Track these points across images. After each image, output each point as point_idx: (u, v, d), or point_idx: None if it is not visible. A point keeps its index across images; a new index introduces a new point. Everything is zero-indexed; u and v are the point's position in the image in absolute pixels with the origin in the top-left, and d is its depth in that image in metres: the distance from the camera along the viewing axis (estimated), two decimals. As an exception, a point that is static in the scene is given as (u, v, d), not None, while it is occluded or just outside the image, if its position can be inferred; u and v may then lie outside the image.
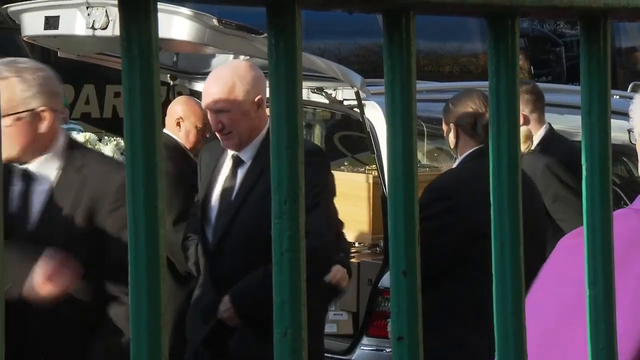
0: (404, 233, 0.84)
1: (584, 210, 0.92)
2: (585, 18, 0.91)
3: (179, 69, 5.53)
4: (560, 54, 17.12)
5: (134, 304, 0.73)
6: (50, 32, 4.86)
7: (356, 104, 4.81)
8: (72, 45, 5.18)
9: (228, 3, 0.78)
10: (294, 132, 0.80)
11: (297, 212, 0.80)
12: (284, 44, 0.79)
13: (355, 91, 4.76)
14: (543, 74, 16.18)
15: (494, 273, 0.88)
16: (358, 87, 4.72)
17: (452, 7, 0.85)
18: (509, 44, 0.87)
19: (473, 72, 14.22)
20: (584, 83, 0.92)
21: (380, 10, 0.83)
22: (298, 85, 0.80)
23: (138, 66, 0.73)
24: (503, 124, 0.88)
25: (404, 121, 0.85)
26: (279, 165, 0.80)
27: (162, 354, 0.72)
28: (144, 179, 0.74)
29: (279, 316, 0.79)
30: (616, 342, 0.92)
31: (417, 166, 0.86)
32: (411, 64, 0.84)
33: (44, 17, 4.82)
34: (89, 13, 4.63)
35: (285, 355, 0.79)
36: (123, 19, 0.73)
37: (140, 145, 0.74)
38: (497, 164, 0.88)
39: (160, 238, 0.74)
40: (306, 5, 0.79)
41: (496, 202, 0.88)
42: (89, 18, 4.64)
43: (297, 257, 0.80)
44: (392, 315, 0.84)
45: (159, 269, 0.74)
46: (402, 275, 0.84)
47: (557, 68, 16.86)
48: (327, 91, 5.02)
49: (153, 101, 0.74)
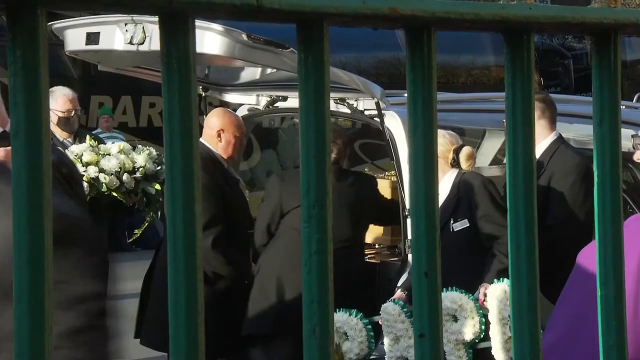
0: (425, 236, 0.84)
1: (595, 215, 0.92)
2: (597, 33, 0.90)
3: (210, 81, 5.54)
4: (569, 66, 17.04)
5: (173, 304, 0.73)
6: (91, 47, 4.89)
7: (376, 113, 4.81)
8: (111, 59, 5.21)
9: (260, 20, 0.78)
10: (322, 141, 0.80)
11: (324, 217, 0.80)
12: (312, 58, 0.79)
13: (376, 101, 4.76)
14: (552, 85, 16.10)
15: (510, 274, 0.88)
16: (378, 98, 4.72)
17: (470, 23, 0.84)
18: (525, 58, 0.87)
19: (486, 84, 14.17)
20: (596, 95, 0.91)
21: (403, 26, 0.83)
22: (326, 97, 0.80)
23: (177, 80, 0.74)
24: (519, 134, 0.87)
25: (425, 131, 0.85)
26: (308, 172, 0.80)
27: (200, 351, 0.72)
28: (182, 185, 0.74)
29: (308, 314, 0.79)
30: (626, 339, 0.91)
31: (437, 173, 0.85)
32: (432, 77, 0.84)
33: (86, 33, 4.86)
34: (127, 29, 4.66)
35: (314, 351, 0.78)
36: (163, 36, 0.73)
37: (178, 154, 0.74)
38: (513, 172, 0.87)
39: (197, 241, 0.74)
40: (334, 22, 0.79)
41: (512, 208, 0.87)
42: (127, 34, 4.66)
43: (325, 259, 0.80)
44: (414, 314, 0.84)
45: (196, 271, 0.74)
46: (423, 276, 0.84)
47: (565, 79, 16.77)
48: (349, 101, 5.02)
49: (191, 113, 0.74)
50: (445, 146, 4.56)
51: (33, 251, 0.66)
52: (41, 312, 0.65)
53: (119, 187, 4.66)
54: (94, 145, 4.79)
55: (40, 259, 0.65)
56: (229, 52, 4.44)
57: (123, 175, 4.68)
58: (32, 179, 0.66)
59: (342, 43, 11.99)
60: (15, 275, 0.66)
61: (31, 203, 0.66)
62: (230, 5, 0.73)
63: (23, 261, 0.65)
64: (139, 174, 4.73)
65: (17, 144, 0.66)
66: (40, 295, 0.66)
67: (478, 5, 0.85)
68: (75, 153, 4.69)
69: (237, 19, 0.77)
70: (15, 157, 0.66)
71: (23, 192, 0.66)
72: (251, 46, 4.45)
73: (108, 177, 4.63)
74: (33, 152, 0.66)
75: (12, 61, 0.65)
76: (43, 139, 0.66)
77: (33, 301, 0.65)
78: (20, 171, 0.66)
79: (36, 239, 0.65)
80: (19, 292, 0.66)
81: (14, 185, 0.66)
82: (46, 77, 0.66)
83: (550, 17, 0.86)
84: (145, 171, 4.73)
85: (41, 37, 0.66)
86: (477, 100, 5.90)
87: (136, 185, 4.72)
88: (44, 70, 0.65)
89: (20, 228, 0.66)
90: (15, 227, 0.66)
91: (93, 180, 4.63)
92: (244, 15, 0.75)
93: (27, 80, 0.65)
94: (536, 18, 0.85)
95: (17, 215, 0.66)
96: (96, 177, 4.63)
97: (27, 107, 0.65)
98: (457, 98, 5.96)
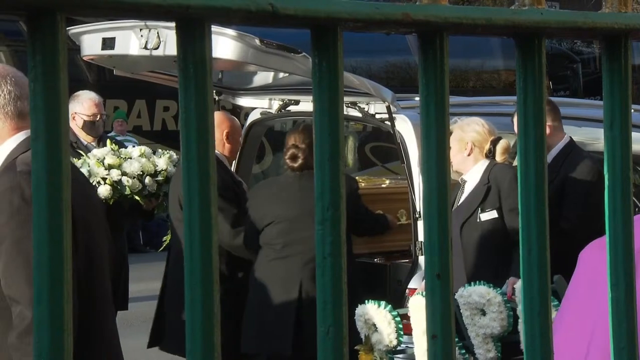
0: (438, 238, 0.84)
1: (606, 218, 0.91)
2: (608, 38, 0.90)
3: (223, 85, 5.56)
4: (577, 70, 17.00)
5: (189, 305, 0.74)
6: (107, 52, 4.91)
7: (387, 117, 4.80)
8: (126, 64, 5.22)
9: (275, 26, 0.78)
10: (335, 144, 0.80)
11: (338, 219, 0.80)
12: (326, 63, 0.79)
13: (387, 105, 4.75)
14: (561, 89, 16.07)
15: (522, 276, 0.87)
16: (389, 102, 4.72)
17: (482, 28, 0.84)
18: (536, 62, 0.87)
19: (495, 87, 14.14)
20: (606, 98, 0.91)
21: (416, 31, 0.83)
22: (340, 101, 0.80)
23: (193, 85, 0.74)
24: (530, 137, 0.87)
25: (438, 134, 0.84)
26: (322, 175, 0.80)
27: (215, 351, 0.73)
28: (199, 188, 0.74)
29: (322, 315, 0.79)
30: (637, 341, 0.90)
31: (450, 175, 0.85)
32: (444, 81, 0.84)
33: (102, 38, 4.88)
34: (142, 34, 4.67)
35: (328, 352, 0.78)
36: (180, 41, 0.74)
37: (195, 157, 0.74)
38: (524, 174, 0.87)
39: (214, 243, 0.74)
40: (348, 27, 0.79)
41: (524, 210, 0.87)
42: (142, 39, 4.68)
43: (339, 261, 0.80)
44: (427, 316, 0.84)
45: (212, 272, 0.74)
46: (436, 278, 0.83)
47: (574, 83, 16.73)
48: (360, 105, 5.02)
49: (207, 116, 0.74)
50: (483, 136, 4.51)
51: (53, 252, 0.66)
52: (60, 314, 0.66)
53: (141, 190, 4.68)
54: (115, 149, 4.80)
55: (60, 260, 0.65)
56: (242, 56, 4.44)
57: (145, 179, 4.69)
58: (51, 181, 0.67)
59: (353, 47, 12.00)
60: (35, 276, 0.66)
61: (51, 204, 0.67)
62: (245, 11, 0.73)
63: (43, 262, 0.66)
64: (160, 177, 4.74)
65: (37, 147, 0.66)
66: (60, 297, 0.66)
67: (490, 10, 0.85)
68: (97, 157, 4.71)
69: (252, 25, 0.77)
70: (35, 160, 0.66)
71: (43, 194, 0.66)
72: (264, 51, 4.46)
73: (131, 180, 4.64)
74: (52, 155, 0.66)
75: (32, 66, 0.66)
76: (62, 142, 0.66)
77: (53, 302, 0.66)
78: (40, 173, 0.67)
79: (56, 239, 0.66)
80: (39, 293, 0.66)
81: (33, 188, 0.67)
82: (65, 81, 0.66)
83: (562, 22, 0.86)
84: (166, 174, 4.75)
85: (61, 43, 0.66)
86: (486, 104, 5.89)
87: (158, 188, 4.74)
88: (63, 75, 0.66)
89: (41, 229, 0.66)
90: (35, 228, 0.66)
91: (116, 184, 4.64)
92: (259, 21, 0.75)
93: (47, 84, 0.65)
94: (548, 23, 0.85)
95: (37, 216, 0.67)
96: (119, 180, 4.64)
97: (46, 111, 0.66)
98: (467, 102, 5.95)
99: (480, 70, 14.85)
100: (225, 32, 4.36)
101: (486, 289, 4.08)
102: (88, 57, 5.13)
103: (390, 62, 14.19)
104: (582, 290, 1.69)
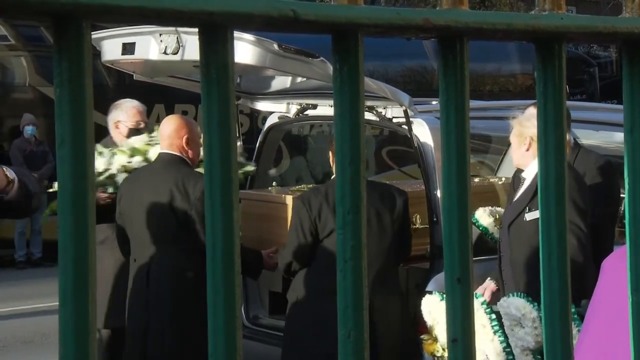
0: (458, 242, 0.84)
1: (627, 221, 0.91)
2: (628, 43, 0.89)
3: (242, 89, 5.57)
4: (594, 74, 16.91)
5: (212, 307, 0.74)
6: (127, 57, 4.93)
7: (404, 121, 4.80)
8: (146, 69, 5.25)
9: (297, 31, 0.78)
10: (356, 149, 0.80)
11: (359, 223, 0.80)
12: (347, 69, 0.79)
13: (404, 109, 4.75)
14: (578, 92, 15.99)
15: (542, 281, 0.87)
16: (406, 106, 4.71)
17: (502, 33, 0.84)
18: (556, 67, 0.86)
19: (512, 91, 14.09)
20: (627, 102, 0.91)
21: (436, 36, 0.83)
22: (360, 106, 0.80)
23: (216, 90, 0.74)
24: (550, 141, 0.87)
25: (458, 138, 0.84)
26: (343, 180, 0.80)
27: (238, 353, 0.73)
28: (221, 190, 0.75)
29: (343, 319, 0.79)
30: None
31: (470, 179, 0.85)
32: (465, 86, 0.84)
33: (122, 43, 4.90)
34: (162, 39, 4.69)
35: (349, 355, 0.78)
36: (203, 47, 0.74)
37: (217, 161, 0.74)
38: (545, 179, 0.86)
39: (236, 246, 0.74)
40: (368, 33, 0.79)
41: (544, 214, 0.86)
42: (161, 44, 4.70)
43: (360, 265, 0.80)
44: (447, 319, 0.83)
45: (234, 275, 0.74)
46: (456, 282, 0.83)
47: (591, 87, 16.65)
48: (377, 109, 5.02)
49: (229, 121, 0.75)
50: None
51: (78, 257, 0.66)
52: (85, 316, 0.66)
53: None
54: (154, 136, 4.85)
55: (85, 264, 0.66)
56: (260, 61, 4.45)
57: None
58: (76, 187, 0.67)
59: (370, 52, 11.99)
60: (60, 280, 0.67)
61: (76, 210, 0.67)
62: (268, 17, 0.73)
63: (68, 266, 0.66)
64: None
65: (62, 153, 0.66)
66: (85, 299, 0.66)
67: (510, 15, 0.84)
68: (130, 145, 4.80)
69: (274, 30, 0.77)
70: (61, 166, 0.66)
71: (68, 199, 0.66)
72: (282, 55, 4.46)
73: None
74: (78, 161, 0.66)
75: (58, 72, 0.66)
76: (87, 149, 0.66)
77: (78, 305, 0.66)
78: (65, 179, 0.67)
79: (81, 244, 0.66)
80: (63, 295, 0.67)
81: (59, 193, 0.67)
82: (90, 87, 0.67)
83: (582, 26, 0.85)
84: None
85: (86, 49, 0.66)
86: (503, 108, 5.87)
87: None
88: (88, 81, 0.66)
89: (66, 234, 0.66)
90: (60, 232, 0.66)
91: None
92: (281, 26, 0.75)
93: (72, 91, 0.65)
94: (568, 28, 0.85)
95: (62, 221, 0.67)
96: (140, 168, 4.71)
97: (72, 117, 0.66)
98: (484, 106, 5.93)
99: (497, 74, 14.80)
100: (243, 37, 4.37)
101: (523, 303, 4.02)
102: (108, 62, 5.16)
103: (407, 67, 14.17)
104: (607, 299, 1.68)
